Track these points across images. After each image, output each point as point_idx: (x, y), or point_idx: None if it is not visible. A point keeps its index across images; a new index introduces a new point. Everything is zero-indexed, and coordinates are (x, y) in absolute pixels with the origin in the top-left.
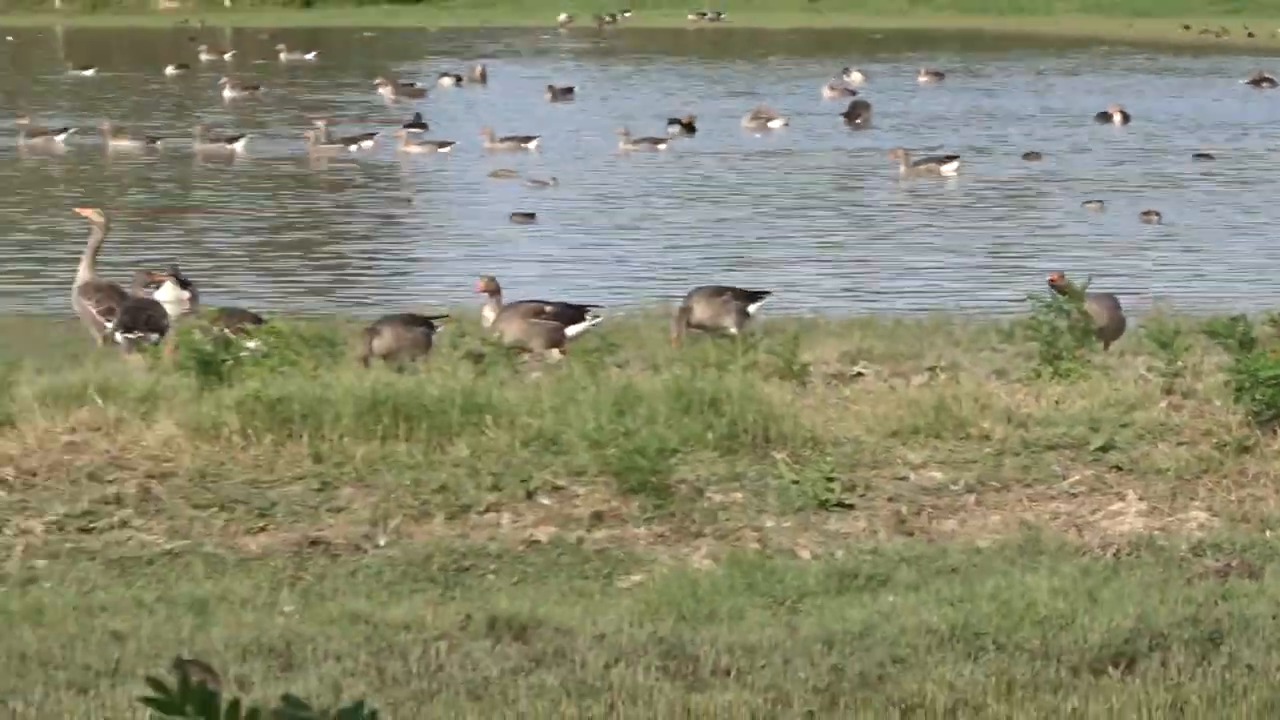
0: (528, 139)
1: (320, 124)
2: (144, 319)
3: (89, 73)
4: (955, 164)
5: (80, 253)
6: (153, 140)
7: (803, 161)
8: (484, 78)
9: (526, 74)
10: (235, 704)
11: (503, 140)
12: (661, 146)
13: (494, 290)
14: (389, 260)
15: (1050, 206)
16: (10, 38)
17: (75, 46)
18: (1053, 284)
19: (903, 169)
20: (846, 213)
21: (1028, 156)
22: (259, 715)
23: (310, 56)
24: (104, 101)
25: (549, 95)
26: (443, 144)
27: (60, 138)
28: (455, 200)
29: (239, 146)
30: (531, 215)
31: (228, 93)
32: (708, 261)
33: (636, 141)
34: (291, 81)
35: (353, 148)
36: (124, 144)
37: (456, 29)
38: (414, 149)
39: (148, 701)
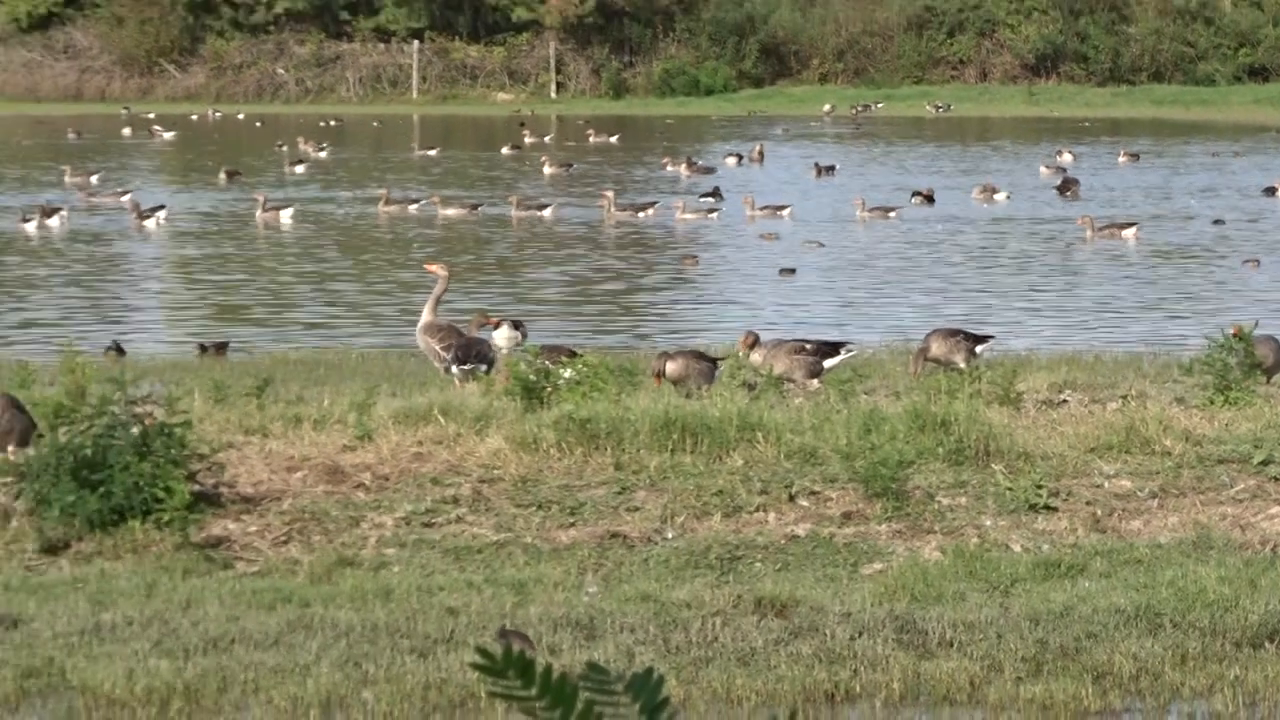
0: (781, 207)
1: (609, 194)
2: (475, 353)
3: (433, 152)
4: (1133, 229)
5: (425, 299)
6: (474, 208)
7: (1022, 227)
8: (761, 157)
9: (796, 154)
10: (548, 668)
11: (761, 209)
12: (892, 215)
13: (753, 344)
14: (678, 306)
15: (1220, 265)
16: (376, 123)
17: (427, 130)
18: (1235, 335)
19: (1088, 233)
20: (1057, 269)
21: (1215, 223)
22: (567, 678)
23: (614, 139)
24: (445, 176)
25: (815, 172)
26: (711, 210)
27: (414, 207)
28: (727, 258)
29: (546, 213)
30: (793, 270)
31: (546, 169)
32: (942, 308)
33: (870, 210)
34: (599, 160)
35: (639, 214)
36: (450, 211)
37: (738, 117)
38: (688, 215)
39: (476, 666)
